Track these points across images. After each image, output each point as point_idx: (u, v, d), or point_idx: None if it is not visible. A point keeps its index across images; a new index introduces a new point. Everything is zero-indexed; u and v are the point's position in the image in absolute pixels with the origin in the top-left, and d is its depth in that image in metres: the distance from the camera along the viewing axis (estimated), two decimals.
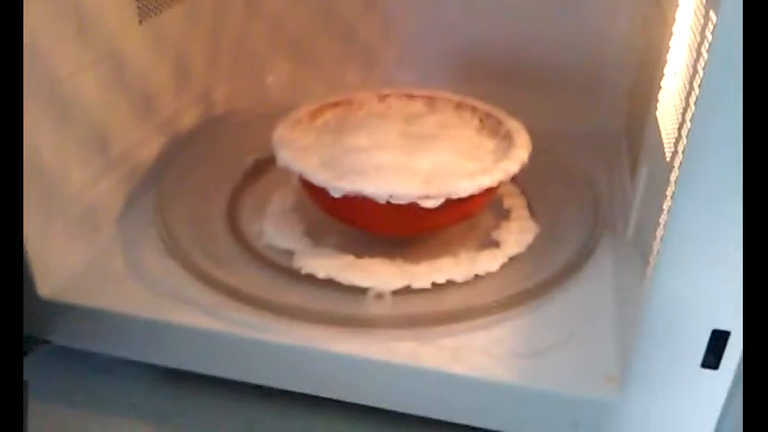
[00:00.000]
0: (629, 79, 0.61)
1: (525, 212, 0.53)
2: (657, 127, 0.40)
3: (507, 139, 0.50)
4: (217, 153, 0.61)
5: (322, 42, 0.72)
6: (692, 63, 0.33)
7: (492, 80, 0.69)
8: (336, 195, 0.45)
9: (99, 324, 0.46)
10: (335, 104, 0.55)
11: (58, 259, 0.46)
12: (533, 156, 0.49)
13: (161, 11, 0.56)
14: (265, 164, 0.59)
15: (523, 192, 0.56)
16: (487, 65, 0.69)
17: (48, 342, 0.47)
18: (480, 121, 0.54)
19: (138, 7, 0.53)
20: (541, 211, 0.54)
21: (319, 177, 0.45)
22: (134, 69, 0.53)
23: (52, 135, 0.45)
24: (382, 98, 0.57)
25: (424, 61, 0.71)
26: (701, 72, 0.30)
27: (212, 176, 0.58)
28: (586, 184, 0.56)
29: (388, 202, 0.44)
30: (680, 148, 0.32)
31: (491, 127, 0.53)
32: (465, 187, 0.44)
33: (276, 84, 0.74)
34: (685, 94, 0.34)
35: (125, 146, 0.53)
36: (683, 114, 0.33)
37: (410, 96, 0.57)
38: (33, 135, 0.43)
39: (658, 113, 0.41)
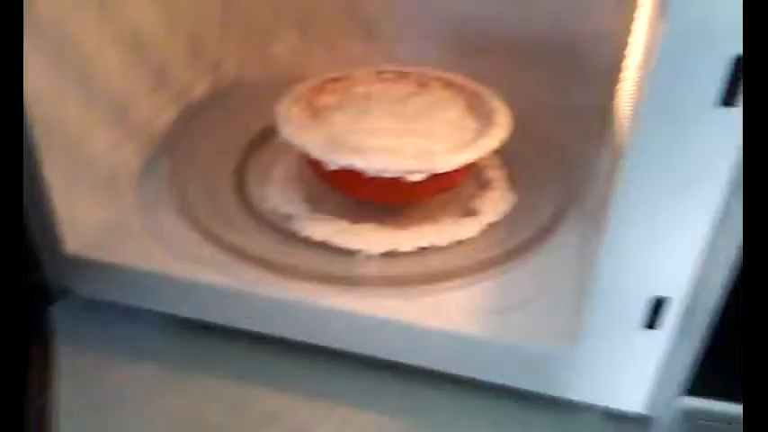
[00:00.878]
0: (611, 53, 0.65)
1: (505, 183, 0.58)
2: (620, 110, 0.45)
3: (490, 117, 0.55)
4: (226, 121, 0.66)
5: (326, 15, 0.76)
6: (646, 59, 0.37)
7: (485, 54, 0.73)
8: (332, 168, 0.50)
9: (118, 278, 0.51)
10: (335, 80, 0.60)
11: (82, 218, 0.52)
12: (518, 129, 0.54)
13: None
14: (271, 131, 0.64)
15: (505, 164, 0.60)
16: (480, 39, 0.73)
17: (72, 291, 0.53)
18: (467, 100, 0.58)
19: None
20: (521, 182, 0.58)
21: (317, 151, 0.50)
22: (150, 42, 0.58)
23: (77, 104, 0.50)
24: (379, 74, 0.61)
25: (420, 35, 0.74)
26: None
27: (222, 143, 0.63)
28: (563, 158, 0.61)
29: (378, 175, 0.49)
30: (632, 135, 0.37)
31: (476, 106, 0.57)
32: (446, 163, 0.49)
33: (282, 53, 0.78)
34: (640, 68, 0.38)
35: (143, 114, 0.58)
36: (635, 107, 0.38)
37: (404, 74, 0.61)
38: (60, 104, 0.48)
39: (621, 95, 0.45)
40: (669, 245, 0.38)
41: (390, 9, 0.74)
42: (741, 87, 0.32)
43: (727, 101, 0.33)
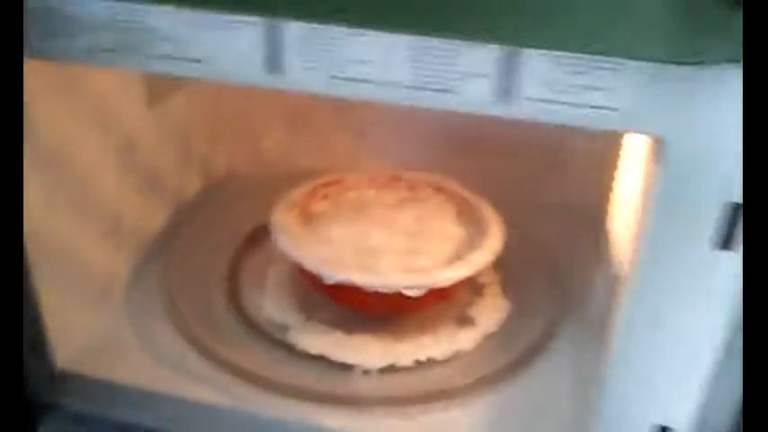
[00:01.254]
0: (599, 154, 0.67)
1: (498, 288, 0.58)
2: (614, 226, 0.46)
3: (483, 226, 0.56)
4: (218, 223, 0.65)
5: (315, 112, 0.77)
6: (640, 193, 0.38)
7: (481, 152, 0.74)
8: (329, 282, 0.50)
9: (107, 393, 0.50)
10: (327, 184, 0.60)
11: (71, 331, 0.51)
12: (506, 228, 0.55)
13: (168, 95, 0.61)
14: (263, 231, 0.64)
15: (497, 266, 0.61)
16: (477, 138, 0.74)
17: (62, 407, 0.51)
18: (457, 206, 0.59)
19: (147, 94, 0.58)
20: (513, 287, 0.59)
21: (315, 266, 0.50)
22: (144, 153, 0.58)
23: (70, 217, 0.50)
24: (372, 179, 0.62)
25: (409, 133, 0.76)
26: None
27: (214, 246, 0.62)
28: (554, 260, 0.62)
29: (376, 290, 0.49)
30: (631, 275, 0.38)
31: (467, 212, 0.58)
32: (444, 278, 0.50)
33: (272, 149, 0.79)
34: (636, 218, 0.39)
35: (135, 221, 0.58)
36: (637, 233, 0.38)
37: (396, 178, 0.62)
38: (53, 218, 0.48)
39: (610, 226, 0.46)
40: (673, 373, 0.38)
41: (380, 108, 0.76)
42: (740, 232, 0.33)
43: (726, 245, 0.34)
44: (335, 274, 0.49)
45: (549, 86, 0.31)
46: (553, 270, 0.61)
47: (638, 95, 0.31)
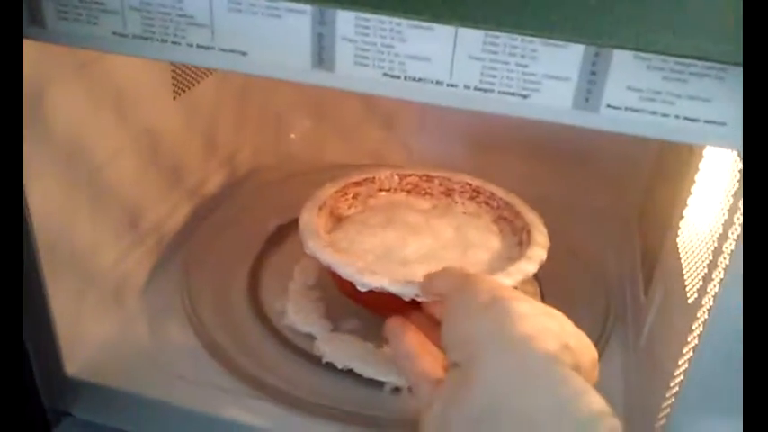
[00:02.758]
0: (649, 160, 0.63)
1: (537, 300, 0.55)
2: (677, 254, 0.42)
3: (523, 232, 0.52)
4: (240, 219, 0.62)
5: (343, 102, 0.74)
6: (727, 210, 0.34)
7: (507, 151, 0.71)
8: (363, 290, 0.46)
9: (119, 402, 0.47)
10: (357, 184, 0.57)
11: (85, 337, 0.48)
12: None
13: (194, 84, 0.57)
14: (287, 230, 0.61)
15: (536, 276, 0.57)
16: (503, 136, 0.71)
17: (74, 415, 0.48)
18: (496, 211, 0.56)
19: (174, 84, 0.54)
20: (553, 299, 0.55)
21: (348, 271, 0.46)
22: (167, 144, 0.54)
23: (88, 217, 0.46)
24: (402, 178, 0.58)
25: (438, 127, 0.73)
26: (738, 225, 0.31)
27: (236, 244, 0.59)
28: (598, 273, 0.58)
29: (413, 299, 0.45)
30: (705, 300, 0.34)
31: (507, 218, 0.55)
32: None
33: (298, 141, 0.76)
34: (717, 238, 0.35)
35: (154, 218, 0.55)
36: (713, 261, 0.34)
37: (429, 179, 0.58)
38: (70, 219, 0.44)
39: (679, 241, 0.42)
40: None
41: (409, 101, 0.72)
42: None
43: None
44: (372, 281, 0.46)
45: (637, 93, 0.27)
46: (596, 285, 0.57)
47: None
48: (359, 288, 0.46)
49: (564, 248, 0.58)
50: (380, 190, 0.58)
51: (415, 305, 0.45)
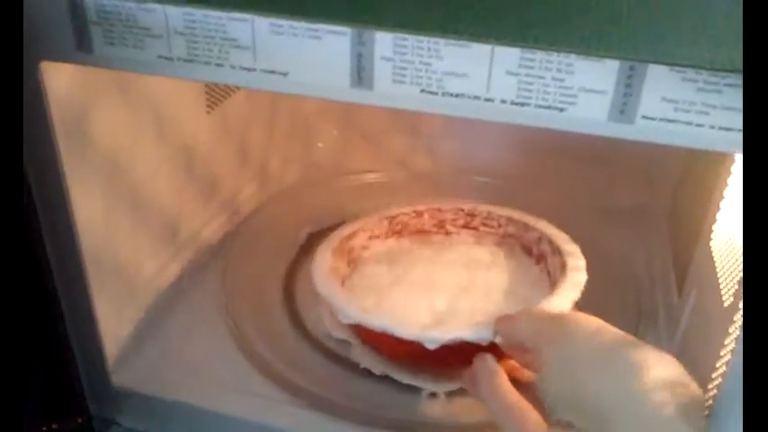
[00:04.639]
0: (678, 161, 0.63)
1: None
2: (711, 258, 0.42)
3: (542, 243, 0.53)
4: (273, 228, 0.63)
5: (369, 110, 0.75)
6: None
7: (533, 153, 0.71)
8: (433, 347, 0.43)
9: (163, 410, 0.48)
10: (349, 237, 0.55)
11: (129, 346, 0.49)
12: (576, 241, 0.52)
13: (227, 98, 0.59)
14: (318, 237, 0.62)
15: None
16: (529, 139, 0.71)
17: (119, 424, 0.49)
18: (499, 231, 0.56)
19: (207, 98, 0.55)
20: (583, 301, 0.55)
21: (411, 331, 0.44)
22: (202, 157, 0.56)
23: (129, 230, 0.48)
24: (390, 220, 0.57)
25: (464, 132, 0.73)
26: None
27: (270, 253, 0.60)
28: (629, 275, 0.58)
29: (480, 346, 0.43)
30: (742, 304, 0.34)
31: (515, 234, 0.55)
32: None
33: (325, 149, 0.77)
34: None
35: (191, 229, 0.56)
36: None
37: (417, 213, 0.57)
38: (113, 233, 0.46)
39: (713, 244, 0.42)
40: None
41: None
42: None
43: None
44: (443, 334, 0.43)
45: (672, 104, 0.28)
46: (626, 283, 0.57)
47: None
48: (427, 346, 0.43)
49: (593, 250, 0.58)
50: (371, 237, 0.56)
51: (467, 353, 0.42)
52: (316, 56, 0.30)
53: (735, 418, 0.34)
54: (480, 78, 0.29)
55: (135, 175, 0.47)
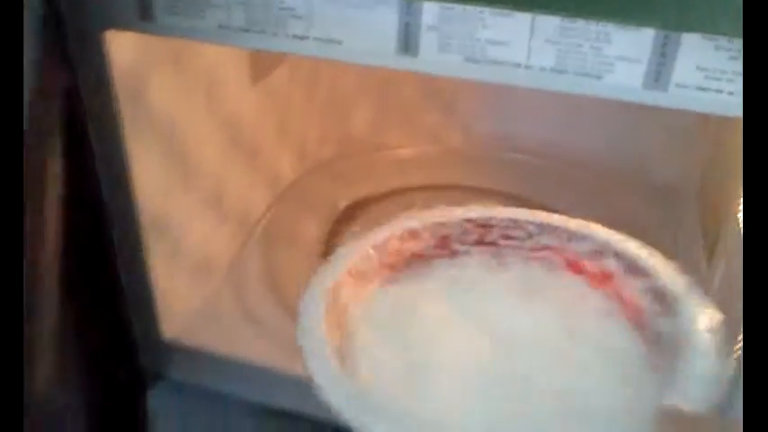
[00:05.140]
0: (707, 138, 0.64)
1: None
2: (739, 232, 0.43)
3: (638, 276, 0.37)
4: (311, 200, 0.66)
5: (404, 86, 0.76)
6: None
7: (567, 128, 0.72)
8: None
9: (211, 364, 0.51)
10: (341, 284, 0.37)
11: (178, 304, 0.52)
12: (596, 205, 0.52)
13: (270, 71, 0.61)
14: (355, 207, 0.65)
15: None
16: (564, 114, 0.72)
17: (169, 377, 0.53)
18: (528, 243, 0.39)
19: (252, 72, 0.58)
20: None
21: None
22: (246, 128, 0.58)
23: (181, 195, 0.51)
24: (380, 249, 0.39)
25: (501, 109, 0.74)
26: None
27: (310, 222, 0.63)
28: (658, 247, 0.59)
29: None
30: None
31: (555, 246, 0.39)
32: None
33: (360, 124, 0.79)
34: None
35: (236, 197, 0.59)
36: None
37: (413, 233, 0.40)
38: (167, 197, 0.49)
39: (741, 217, 0.44)
40: None
41: (468, 83, 0.74)
42: None
43: None
44: None
45: (704, 72, 0.29)
46: None
47: None
48: None
49: (622, 221, 0.60)
50: (358, 280, 0.38)
51: None
52: (366, 25, 0.32)
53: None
54: (521, 46, 0.31)
55: (186, 144, 0.50)
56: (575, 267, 0.39)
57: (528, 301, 0.37)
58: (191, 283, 0.53)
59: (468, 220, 0.40)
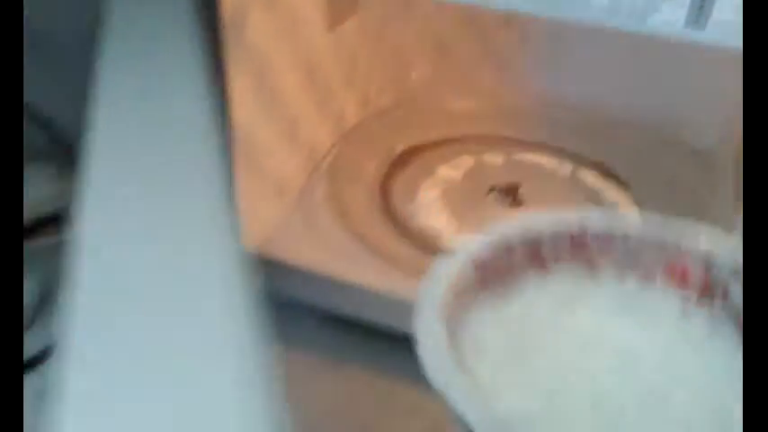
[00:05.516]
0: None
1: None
2: None
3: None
4: (371, 142, 0.73)
5: (461, 43, 0.81)
6: None
7: (622, 89, 0.75)
8: None
9: (279, 272, 0.58)
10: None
11: (257, 220, 0.59)
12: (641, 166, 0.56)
13: (344, 20, 0.67)
14: (410, 152, 0.71)
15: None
16: (618, 73, 0.75)
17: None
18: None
19: (329, 19, 0.64)
20: None
21: None
22: (320, 69, 0.65)
23: (264, 123, 0.57)
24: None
25: (553, 66, 0.78)
26: None
27: (368, 162, 0.70)
28: (695, 212, 0.64)
29: None
30: None
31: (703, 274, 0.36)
32: None
33: (418, 80, 0.84)
34: None
35: (307, 133, 0.66)
36: None
37: (511, 250, 0.36)
38: (254, 122, 0.55)
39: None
40: None
41: (524, 42, 0.79)
42: None
43: None
44: None
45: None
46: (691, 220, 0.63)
47: None
48: None
49: (662, 183, 0.64)
50: (458, 294, 0.35)
51: None
52: None
53: None
54: None
55: (272, 76, 0.56)
56: (679, 276, 0.37)
57: (631, 316, 0.35)
58: (268, 203, 0.60)
59: (561, 232, 0.37)
